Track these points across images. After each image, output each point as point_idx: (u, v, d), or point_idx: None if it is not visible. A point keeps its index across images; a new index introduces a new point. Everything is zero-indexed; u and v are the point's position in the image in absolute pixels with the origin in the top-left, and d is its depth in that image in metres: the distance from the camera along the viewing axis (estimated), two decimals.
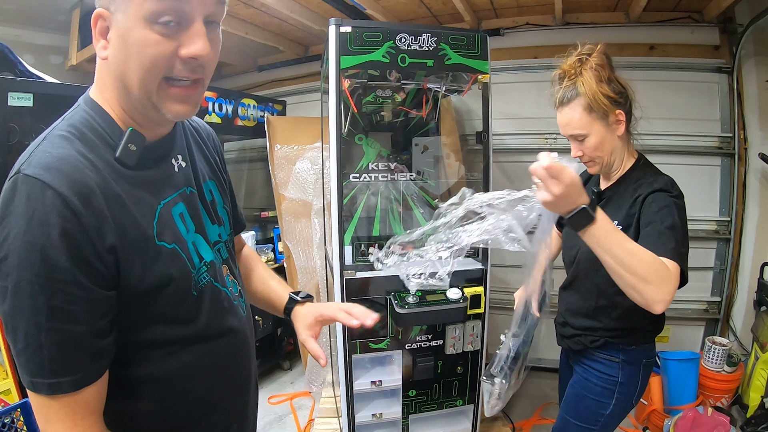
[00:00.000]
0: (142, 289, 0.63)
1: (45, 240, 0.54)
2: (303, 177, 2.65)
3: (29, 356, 0.56)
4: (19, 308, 0.55)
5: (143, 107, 0.64)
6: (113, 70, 0.63)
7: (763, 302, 2.27)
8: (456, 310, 1.63)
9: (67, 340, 0.57)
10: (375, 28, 1.57)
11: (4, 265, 0.55)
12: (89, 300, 0.57)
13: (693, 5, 2.35)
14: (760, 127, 2.38)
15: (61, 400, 0.58)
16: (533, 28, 2.66)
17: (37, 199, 0.54)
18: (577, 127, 1.15)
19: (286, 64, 3.40)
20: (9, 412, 1.48)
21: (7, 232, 0.55)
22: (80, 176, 0.57)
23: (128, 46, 0.59)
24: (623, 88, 1.15)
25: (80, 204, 0.56)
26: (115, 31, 0.60)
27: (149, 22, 0.58)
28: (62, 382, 0.57)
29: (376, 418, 1.77)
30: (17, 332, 0.56)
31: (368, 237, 1.72)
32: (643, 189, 1.12)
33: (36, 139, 0.61)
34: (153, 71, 0.60)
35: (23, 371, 0.57)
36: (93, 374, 0.60)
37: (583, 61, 1.15)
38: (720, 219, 2.50)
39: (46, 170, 0.56)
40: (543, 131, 2.65)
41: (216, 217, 0.80)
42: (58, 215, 0.54)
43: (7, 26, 2.76)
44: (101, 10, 0.61)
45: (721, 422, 1.92)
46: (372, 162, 1.87)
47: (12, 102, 1.73)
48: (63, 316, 0.56)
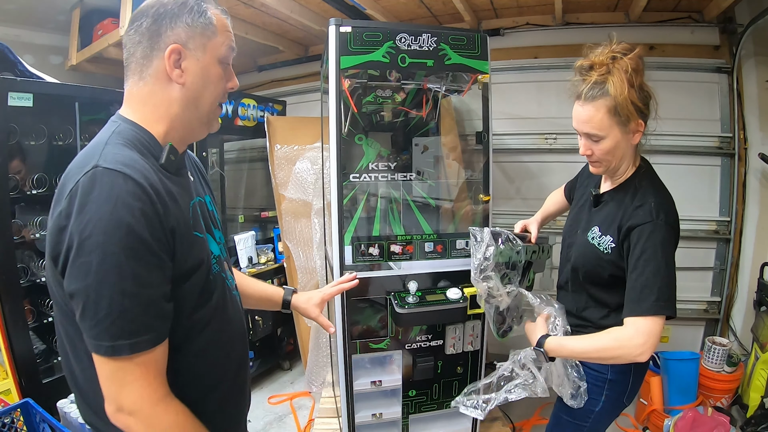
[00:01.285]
0: (183, 269, 0.74)
1: (129, 218, 0.65)
2: (303, 177, 2.65)
3: (113, 321, 0.65)
4: (105, 279, 0.64)
5: (198, 122, 0.84)
6: (190, 93, 0.79)
7: (763, 302, 2.27)
8: (456, 310, 1.63)
9: (146, 303, 0.67)
10: (375, 28, 1.58)
11: (87, 243, 0.64)
12: (161, 268, 0.69)
13: (693, 5, 2.35)
14: (760, 127, 2.38)
15: (138, 359, 0.67)
16: (533, 28, 2.66)
17: (120, 186, 0.66)
18: (596, 128, 1.11)
19: (286, 64, 3.40)
20: (9, 412, 1.48)
21: (91, 215, 0.64)
22: (148, 173, 0.71)
23: (208, 78, 0.80)
24: (650, 97, 1.11)
25: (152, 192, 0.69)
26: (194, 64, 0.78)
27: (220, 63, 0.81)
28: (141, 341, 0.67)
29: (376, 418, 1.77)
30: (101, 302, 0.64)
31: (368, 237, 1.72)
32: (631, 212, 1.12)
33: (93, 145, 0.74)
34: (219, 97, 0.83)
35: (103, 338, 0.65)
36: (162, 334, 0.71)
37: (616, 59, 1.08)
38: (720, 219, 2.50)
39: (124, 165, 0.68)
40: (543, 131, 2.65)
41: (216, 223, 0.94)
42: (139, 199, 0.66)
43: (7, 26, 2.76)
44: (177, 45, 0.76)
45: (721, 422, 1.92)
46: (372, 162, 1.87)
47: (12, 102, 1.73)
48: (143, 281, 0.67)
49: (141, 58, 0.78)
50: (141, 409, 0.69)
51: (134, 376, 0.68)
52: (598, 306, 1.22)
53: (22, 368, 1.80)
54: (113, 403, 0.69)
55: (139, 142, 0.76)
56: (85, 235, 0.64)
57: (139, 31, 0.77)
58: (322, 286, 2.65)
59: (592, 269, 1.20)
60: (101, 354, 0.66)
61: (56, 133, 1.99)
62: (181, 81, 0.78)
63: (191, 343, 0.79)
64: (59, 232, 0.67)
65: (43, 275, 1.94)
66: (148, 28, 0.76)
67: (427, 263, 1.73)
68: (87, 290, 0.65)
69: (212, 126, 0.86)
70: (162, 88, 0.78)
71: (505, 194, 2.79)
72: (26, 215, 1.90)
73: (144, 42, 0.77)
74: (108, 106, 2.21)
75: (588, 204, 1.30)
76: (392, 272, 1.69)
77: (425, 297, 1.62)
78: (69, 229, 0.65)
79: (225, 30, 0.82)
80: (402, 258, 1.70)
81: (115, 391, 0.68)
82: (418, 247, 1.72)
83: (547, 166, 2.72)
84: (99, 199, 0.65)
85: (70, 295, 0.67)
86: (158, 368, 0.70)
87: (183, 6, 0.77)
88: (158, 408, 0.70)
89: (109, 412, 0.70)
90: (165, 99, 0.79)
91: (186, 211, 0.78)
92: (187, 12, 0.77)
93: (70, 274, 0.66)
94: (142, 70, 0.78)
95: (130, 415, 0.69)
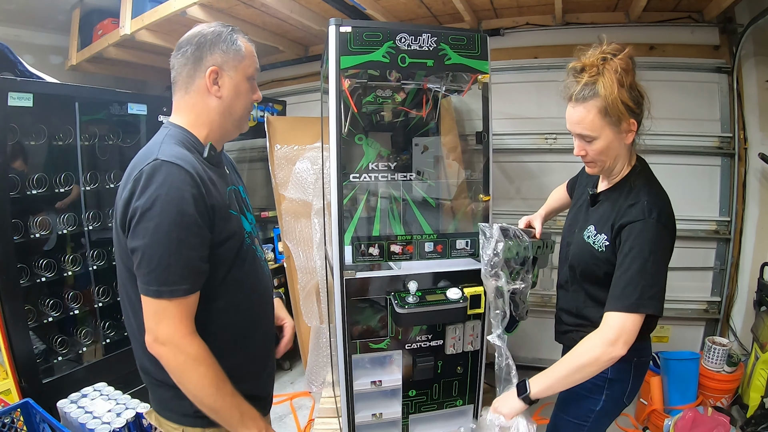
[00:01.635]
0: (220, 238, 0.96)
1: (180, 198, 0.87)
2: (303, 177, 2.65)
3: (160, 272, 0.86)
4: (158, 241, 0.86)
5: (232, 126, 1.07)
6: (225, 104, 1.03)
7: (763, 302, 2.27)
8: (456, 310, 1.63)
9: (186, 262, 0.89)
10: (375, 28, 1.57)
11: (147, 213, 0.86)
12: (201, 236, 0.91)
13: (693, 5, 2.35)
14: (760, 127, 2.38)
15: (175, 302, 0.88)
16: (533, 28, 2.66)
17: (175, 174, 0.88)
18: (587, 129, 1.12)
19: (286, 64, 3.40)
20: (9, 412, 1.47)
21: (152, 193, 0.86)
22: (195, 164, 0.93)
23: (239, 92, 1.04)
24: (641, 96, 1.11)
25: (198, 179, 0.91)
26: (228, 81, 1.01)
27: (248, 80, 1.05)
28: (178, 290, 0.88)
29: (376, 418, 1.77)
30: (153, 257, 0.86)
31: (368, 237, 1.72)
32: (625, 210, 1.12)
33: (151, 144, 0.97)
34: (248, 106, 1.08)
35: (152, 283, 0.87)
36: (196, 287, 0.91)
37: (606, 60, 1.09)
38: (720, 219, 2.50)
39: (177, 158, 0.90)
40: (543, 131, 2.65)
41: (248, 207, 1.16)
42: (188, 184, 0.89)
43: (7, 26, 2.76)
44: (215, 67, 0.99)
45: (721, 422, 1.92)
46: (372, 162, 1.87)
47: (12, 102, 1.73)
48: (185, 244, 0.88)
49: (186, 76, 1.00)
50: (172, 340, 0.89)
51: (170, 315, 0.88)
52: (597, 305, 1.22)
53: (22, 368, 1.80)
54: (151, 334, 0.89)
55: (187, 141, 0.99)
56: (147, 207, 0.86)
57: (185, 56, 1.00)
58: (322, 286, 2.65)
59: (588, 267, 1.21)
60: (149, 295, 0.88)
61: (56, 133, 1.99)
62: (218, 95, 1.01)
63: (226, 297, 1.00)
64: (126, 205, 0.89)
65: (44, 275, 1.94)
66: (193, 53, 0.99)
67: (427, 263, 1.73)
68: (144, 247, 0.87)
69: (242, 128, 1.11)
70: (203, 100, 1.01)
71: (505, 194, 2.79)
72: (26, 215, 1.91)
73: (189, 64, 1.00)
74: (108, 105, 2.21)
75: (585, 204, 1.31)
76: (392, 272, 1.69)
77: (425, 297, 1.62)
78: (134, 203, 0.87)
79: (251, 55, 1.05)
80: (402, 258, 1.70)
81: (154, 325, 0.89)
82: (418, 247, 1.72)
83: (547, 166, 2.72)
84: (158, 183, 0.87)
85: (132, 250, 0.89)
86: (189, 312, 0.91)
87: (219, 36, 1.00)
88: (185, 340, 0.90)
89: (147, 342, 0.90)
90: (205, 108, 1.02)
91: (224, 193, 1.00)
92: (222, 41, 1.00)
93: (132, 234, 0.88)
94: (188, 87, 1.01)
95: (164, 345, 0.89)
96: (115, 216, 0.93)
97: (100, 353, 2.18)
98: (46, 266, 1.96)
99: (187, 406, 0.96)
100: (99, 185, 2.15)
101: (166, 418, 1.03)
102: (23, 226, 1.86)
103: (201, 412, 0.95)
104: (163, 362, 0.90)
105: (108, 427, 1.48)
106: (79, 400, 1.64)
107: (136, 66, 3.12)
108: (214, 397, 0.92)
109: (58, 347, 2.04)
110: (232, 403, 0.95)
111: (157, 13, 2.34)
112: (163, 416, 1.04)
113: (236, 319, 1.03)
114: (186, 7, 2.22)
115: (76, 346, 2.11)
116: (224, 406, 0.94)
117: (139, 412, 1.56)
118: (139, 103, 2.22)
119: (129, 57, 2.90)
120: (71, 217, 2.05)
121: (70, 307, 2.08)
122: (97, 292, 2.18)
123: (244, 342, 1.06)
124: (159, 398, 1.03)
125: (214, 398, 0.93)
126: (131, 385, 2.05)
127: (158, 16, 2.33)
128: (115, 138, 2.23)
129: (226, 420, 0.96)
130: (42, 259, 1.95)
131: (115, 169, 2.23)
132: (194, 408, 0.95)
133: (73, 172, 2.04)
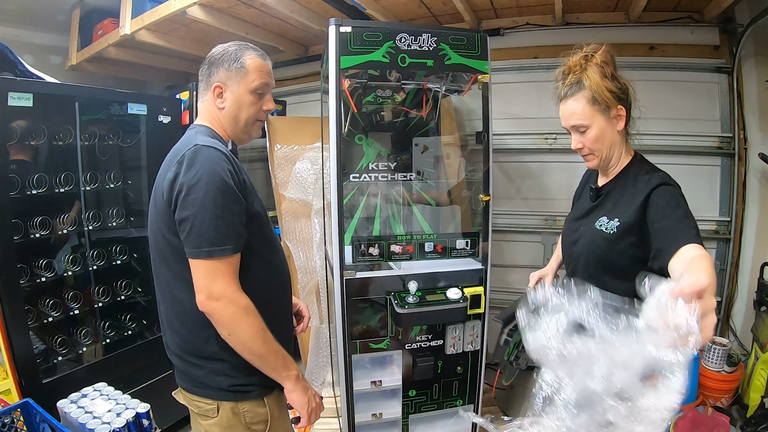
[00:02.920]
0: (251, 211, 1.08)
1: (221, 172, 1.01)
2: (303, 177, 2.65)
3: (210, 234, 0.99)
4: (206, 207, 0.99)
5: (241, 132, 1.21)
6: (228, 114, 1.17)
7: (763, 302, 2.27)
8: (456, 310, 1.63)
9: (231, 224, 1.02)
10: (375, 28, 1.58)
11: (194, 187, 0.99)
12: (239, 203, 1.04)
13: (693, 5, 2.35)
14: (760, 127, 2.37)
15: (224, 260, 1.01)
16: (533, 28, 2.65)
17: (214, 154, 1.03)
18: (579, 118, 1.18)
19: (286, 64, 3.40)
20: (9, 412, 1.48)
21: (196, 170, 1.00)
22: (226, 150, 1.09)
23: (242, 104, 1.16)
24: (625, 85, 1.19)
25: (231, 159, 1.06)
26: (230, 95, 1.16)
27: (252, 92, 1.16)
28: (226, 248, 1.00)
29: (376, 418, 1.77)
30: (204, 222, 0.98)
31: (368, 237, 1.72)
32: (642, 186, 1.15)
33: (186, 137, 1.13)
34: (253, 116, 1.19)
35: (203, 245, 0.99)
36: (239, 246, 1.04)
37: (588, 59, 1.19)
38: (720, 219, 2.50)
39: (213, 145, 1.05)
40: (543, 131, 2.65)
41: None
42: (225, 161, 1.04)
43: (7, 26, 2.76)
44: (220, 83, 1.15)
45: (721, 422, 1.92)
46: (372, 162, 1.87)
47: (12, 102, 1.73)
48: (228, 210, 1.01)
49: (203, 89, 1.18)
50: (225, 294, 1.00)
51: (221, 273, 1.00)
52: None
53: (22, 368, 1.80)
54: (204, 292, 1.00)
55: (214, 135, 1.16)
56: (193, 182, 0.99)
57: (202, 72, 1.18)
58: (322, 286, 2.65)
59: (598, 252, 1.21)
60: (201, 257, 0.99)
61: (56, 133, 1.99)
62: (221, 107, 1.17)
63: (257, 266, 1.11)
64: (172, 183, 1.01)
65: (44, 275, 1.94)
66: (206, 71, 1.17)
67: (427, 263, 1.73)
68: (194, 215, 0.99)
69: (252, 134, 1.23)
70: (212, 108, 1.18)
71: (505, 194, 2.79)
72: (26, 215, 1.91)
73: (204, 80, 1.18)
74: (108, 105, 2.21)
75: (588, 203, 1.31)
76: (392, 272, 1.69)
77: (425, 297, 1.62)
78: (180, 180, 1.00)
79: (257, 70, 1.16)
80: (402, 258, 1.70)
81: (208, 283, 1.00)
82: (418, 247, 1.72)
83: (547, 166, 2.71)
84: (201, 161, 1.01)
85: (181, 221, 1.00)
86: (235, 270, 1.04)
87: (224, 56, 1.15)
88: (236, 295, 1.02)
89: (200, 300, 1.00)
90: (217, 116, 1.18)
91: (247, 177, 1.12)
92: (226, 60, 1.14)
93: (181, 206, 1.00)
94: (203, 96, 1.19)
95: (218, 300, 1.00)
96: (158, 196, 1.06)
97: (100, 353, 2.18)
98: (46, 266, 1.96)
99: (221, 382, 1.08)
100: (99, 185, 2.15)
101: (200, 395, 1.11)
102: (23, 226, 1.86)
103: (234, 386, 1.08)
104: (217, 316, 1.01)
105: (108, 427, 1.48)
106: (79, 400, 1.64)
107: (136, 66, 3.12)
108: (262, 343, 1.04)
109: (58, 347, 2.04)
110: (277, 350, 1.08)
111: (157, 13, 2.34)
112: (196, 394, 1.12)
113: (266, 288, 1.13)
114: (186, 7, 2.22)
115: (76, 346, 2.10)
116: (270, 351, 1.06)
117: (139, 412, 1.56)
118: (139, 103, 2.22)
119: (129, 57, 2.90)
120: (71, 217, 2.05)
121: (70, 307, 2.08)
122: (97, 292, 2.18)
123: (274, 309, 1.15)
124: (193, 377, 1.11)
125: (262, 344, 1.05)
126: (131, 385, 2.05)
127: (158, 16, 2.33)
128: (115, 138, 2.23)
129: (271, 364, 1.08)
130: (42, 259, 1.95)
131: (115, 169, 2.23)
132: (228, 383, 1.08)
133: (73, 172, 2.04)
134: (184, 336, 1.10)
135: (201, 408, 1.12)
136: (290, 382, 1.11)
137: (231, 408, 1.10)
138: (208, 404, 1.10)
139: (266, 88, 1.18)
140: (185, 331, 1.10)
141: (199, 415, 1.13)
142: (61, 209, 2.04)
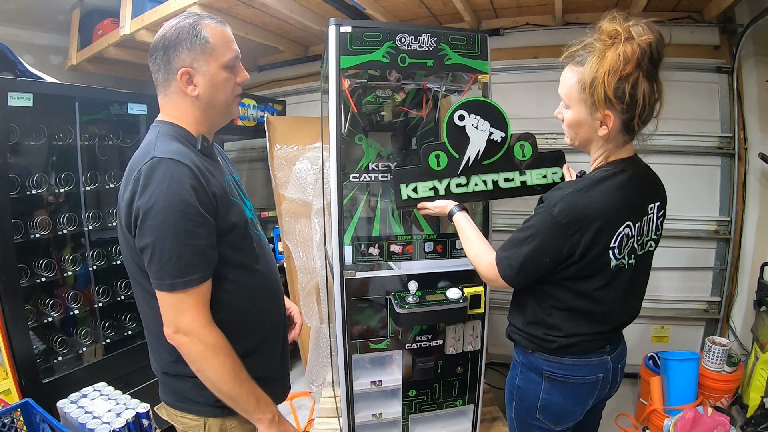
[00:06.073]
0: (224, 227, 0.97)
1: (181, 191, 0.88)
2: (303, 177, 2.65)
3: (172, 265, 0.88)
4: (165, 235, 0.87)
5: (221, 115, 1.06)
6: (204, 101, 1.01)
7: (763, 302, 2.27)
8: (456, 310, 1.63)
9: (196, 251, 0.90)
10: (375, 28, 1.57)
11: (151, 211, 0.87)
12: (206, 225, 0.91)
13: (693, 5, 2.35)
14: (760, 127, 2.38)
15: (191, 292, 0.90)
16: (533, 28, 2.66)
17: (174, 169, 0.89)
18: (565, 93, 1.09)
19: (286, 64, 3.40)
20: (9, 412, 1.48)
21: (152, 191, 0.87)
22: (191, 158, 0.93)
23: (216, 84, 1.00)
24: (632, 97, 1.00)
25: (196, 170, 0.91)
26: (202, 78, 0.98)
27: (225, 68, 1.00)
28: (193, 279, 0.90)
29: (376, 418, 1.77)
30: (163, 251, 0.87)
31: (368, 237, 1.71)
32: None
33: (145, 144, 0.97)
34: (231, 94, 1.04)
35: (166, 278, 0.88)
36: (208, 274, 0.93)
37: (621, 37, 0.99)
38: (720, 219, 2.50)
39: (174, 154, 0.91)
40: (543, 131, 2.64)
41: (245, 194, 1.16)
42: (187, 176, 0.89)
43: (7, 26, 2.76)
44: (187, 68, 0.97)
45: (721, 422, 1.92)
46: (372, 162, 1.87)
47: (12, 102, 1.73)
48: (193, 235, 0.89)
49: (162, 81, 1.00)
50: (193, 330, 0.91)
51: (188, 305, 0.90)
52: (515, 301, 1.28)
53: (22, 368, 1.80)
54: (172, 326, 0.91)
55: (179, 135, 1.00)
56: (150, 205, 0.87)
57: (156, 62, 0.99)
58: (322, 286, 2.65)
59: None
60: (164, 290, 0.89)
61: (56, 133, 1.99)
62: (194, 94, 0.99)
63: (237, 281, 1.02)
64: (129, 206, 0.90)
65: (44, 275, 1.94)
66: (162, 58, 0.98)
67: (427, 263, 1.73)
68: (153, 244, 0.87)
69: (232, 114, 1.09)
70: (183, 100, 1.01)
71: None
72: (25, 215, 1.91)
73: (162, 69, 0.99)
74: (108, 105, 2.21)
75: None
76: (392, 272, 1.69)
77: (425, 297, 1.62)
78: (136, 203, 0.88)
79: (223, 40, 1.00)
80: (402, 258, 1.70)
81: (174, 316, 0.90)
82: (418, 247, 1.72)
83: None
84: (158, 180, 0.88)
85: (141, 249, 0.90)
86: (205, 300, 0.93)
87: (180, 34, 0.96)
88: (205, 329, 0.92)
89: (168, 334, 0.92)
90: (187, 107, 1.01)
91: (223, 182, 1.01)
92: (185, 39, 0.96)
93: (139, 233, 0.89)
94: (166, 89, 1.01)
95: (185, 335, 0.91)
96: (119, 218, 0.95)
97: (100, 353, 2.18)
98: (46, 266, 1.96)
99: (208, 396, 0.98)
100: (99, 185, 2.15)
101: (184, 410, 1.04)
102: (23, 226, 1.86)
103: (222, 402, 0.98)
104: (184, 351, 0.93)
105: (108, 427, 1.48)
106: (79, 400, 1.64)
107: (136, 66, 3.12)
108: (232, 384, 0.95)
109: (58, 347, 2.04)
110: (249, 390, 0.98)
111: (157, 13, 2.34)
112: (180, 409, 1.05)
113: (249, 301, 1.05)
114: (186, 7, 2.22)
115: (76, 346, 2.10)
116: (241, 393, 0.97)
117: (139, 412, 1.56)
118: (139, 103, 2.22)
119: (129, 57, 2.90)
120: (71, 217, 2.05)
121: (70, 307, 2.08)
122: (97, 292, 2.18)
123: (259, 322, 1.08)
124: (178, 391, 1.04)
125: (232, 385, 0.95)
126: (131, 385, 2.05)
127: (158, 16, 2.33)
128: (115, 138, 2.23)
129: (242, 406, 0.98)
130: (42, 259, 1.95)
131: (115, 168, 2.23)
132: (215, 397, 0.98)
133: (73, 172, 2.04)
134: (163, 355, 1.02)
135: (186, 425, 1.05)
136: (263, 426, 1.00)
137: (219, 426, 1.04)
138: (194, 420, 1.04)
139: (236, 59, 1.03)
140: (165, 350, 1.00)
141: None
142: (61, 209, 2.04)
